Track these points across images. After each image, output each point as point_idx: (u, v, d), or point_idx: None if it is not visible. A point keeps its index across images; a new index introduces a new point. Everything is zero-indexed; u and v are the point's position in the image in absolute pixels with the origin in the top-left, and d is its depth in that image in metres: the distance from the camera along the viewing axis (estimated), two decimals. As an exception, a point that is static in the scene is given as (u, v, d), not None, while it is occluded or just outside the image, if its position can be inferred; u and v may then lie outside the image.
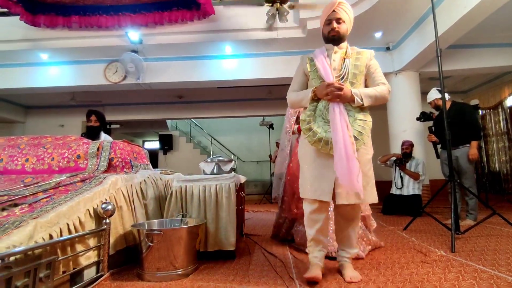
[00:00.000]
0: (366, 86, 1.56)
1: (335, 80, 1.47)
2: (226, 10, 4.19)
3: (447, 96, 3.36)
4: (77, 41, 4.34)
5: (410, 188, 3.84)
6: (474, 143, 2.94)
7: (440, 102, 3.34)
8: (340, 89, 1.40)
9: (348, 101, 1.44)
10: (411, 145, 3.97)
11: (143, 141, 11.67)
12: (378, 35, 4.32)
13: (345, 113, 1.42)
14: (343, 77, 1.49)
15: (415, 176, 3.81)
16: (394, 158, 4.03)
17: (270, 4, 3.04)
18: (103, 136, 3.31)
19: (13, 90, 5.01)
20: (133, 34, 4.20)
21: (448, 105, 3.13)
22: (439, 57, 2.50)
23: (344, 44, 1.57)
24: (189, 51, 4.65)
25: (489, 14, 3.15)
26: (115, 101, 6.94)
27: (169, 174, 2.90)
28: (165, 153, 9.04)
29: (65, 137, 2.51)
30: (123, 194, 1.85)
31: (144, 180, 2.19)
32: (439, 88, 3.44)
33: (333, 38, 1.54)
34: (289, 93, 1.67)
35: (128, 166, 2.26)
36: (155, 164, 8.78)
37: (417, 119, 3.68)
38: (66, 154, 2.26)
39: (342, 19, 1.52)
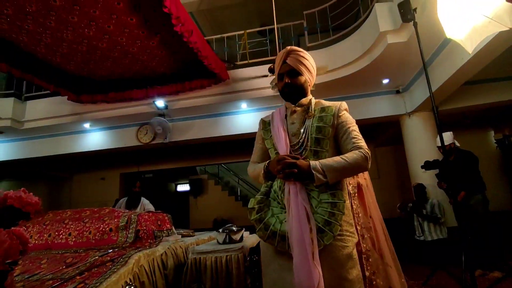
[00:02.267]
0: (340, 151, 1.22)
1: (290, 151, 1.20)
2: (238, 73, 4.64)
3: (449, 140, 3.38)
4: (113, 111, 4.99)
5: (433, 233, 3.72)
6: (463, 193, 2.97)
7: (453, 146, 3.37)
8: (292, 164, 1.09)
9: (306, 179, 1.12)
10: (422, 188, 3.91)
11: (175, 185, 12.30)
12: (385, 81, 4.47)
13: (305, 195, 1.11)
14: (302, 145, 1.19)
15: (435, 220, 3.70)
16: (409, 207, 3.99)
17: (273, 74, 3.37)
18: (142, 199, 3.83)
19: (62, 155, 5.76)
20: (160, 102, 4.76)
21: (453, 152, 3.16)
22: (435, 114, 2.58)
23: (306, 100, 1.28)
24: (209, 111, 5.12)
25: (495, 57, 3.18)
26: (148, 154, 7.58)
27: (190, 235, 3.15)
28: (195, 197, 9.44)
29: (101, 210, 2.90)
30: (145, 270, 2.11)
31: (165, 251, 2.44)
32: (450, 133, 3.51)
33: (289, 96, 1.27)
34: (249, 165, 1.39)
35: (151, 237, 2.54)
36: (186, 208, 9.21)
37: (422, 167, 3.70)
38: (101, 228, 2.61)
39: (295, 70, 1.24)
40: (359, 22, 4.07)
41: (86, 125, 5.35)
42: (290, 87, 1.25)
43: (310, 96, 1.31)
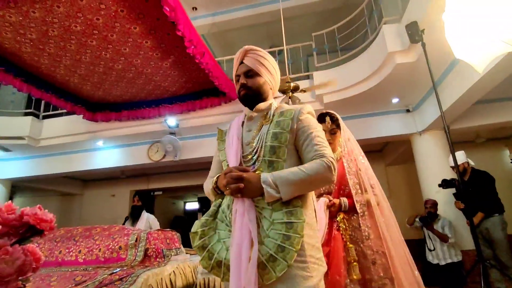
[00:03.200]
0: (302, 162, 1.04)
1: (241, 162, 1.05)
2: (249, 92, 4.71)
3: (462, 159, 3.31)
4: (125, 130, 5.10)
5: (446, 255, 3.57)
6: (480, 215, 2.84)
7: (468, 167, 3.32)
8: (240, 178, 0.93)
9: (255, 195, 0.95)
10: (434, 204, 3.79)
11: (184, 203, 12.27)
12: (395, 100, 4.48)
13: (253, 215, 0.94)
14: (255, 155, 1.02)
15: (444, 239, 3.55)
16: (419, 218, 3.84)
17: (283, 94, 3.43)
18: (146, 215, 3.78)
19: (75, 172, 5.87)
20: (171, 120, 4.85)
21: (468, 172, 3.09)
22: (447, 133, 2.56)
23: (265, 104, 1.12)
24: (219, 129, 5.18)
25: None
26: (158, 171, 7.64)
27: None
28: (203, 214, 9.37)
29: (111, 227, 2.91)
30: (153, 289, 2.09)
31: (173, 271, 2.42)
32: (462, 152, 3.46)
33: (246, 98, 1.11)
34: (205, 181, 1.21)
35: (160, 256, 2.53)
36: (194, 227, 9.13)
37: (439, 185, 3.61)
38: (110, 245, 2.60)
39: (253, 71, 1.10)
40: (367, 43, 4.14)
41: (99, 143, 5.47)
42: (247, 88, 1.10)
43: (271, 101, 1.15)
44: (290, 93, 3.37)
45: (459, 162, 3.25)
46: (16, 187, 7.03)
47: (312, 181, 0.95)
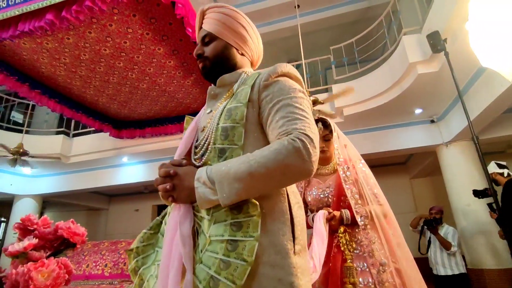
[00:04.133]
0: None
1: (185, 154, 0.79)
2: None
3: (506, 172, 3.15)
4: (149, 146, 5.28)
5: (446, 264, 3.30)
6: None
7: (498, 177, 3.15)
8: (167, 175, 0.68)
9: (189, 199, 0.67)
10: (440, 210, 3.56)
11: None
12: (418, 111, 4.36)
13: (188, 229, 0.67)
14: (206, 142, 0.75)
15: (446, 245, 3.30)
16: (423, 220, 3.60)
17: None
18: None
19: (102, 187, 6.09)
20: (192, 136, 4.97)
21: (502, 182, 2.93)
22: (476, 144, 2.46)
23: (231, 75, 0.84)
24: (239, 143, 5.24)
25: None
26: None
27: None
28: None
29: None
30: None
31: (196, 286, 2.42)
32: (500, 162, 3.28)
33: (204, 73, 0.88)
34: None
35: (183, 271, 2.54)
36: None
37: (475, 195, 3.40)
38: (135, 260, 2.66)
39: (211, 35, 0.85)
40: (387, 54, 4.11)
41: (124, 159, 5.67)
42: (203, 59, 0.86)
43: (242, 70, 0.85)
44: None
45: (489, 172, 3.11)
46: (47, 202, 7.37)
47: (269, 173, 0.62)
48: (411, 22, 3.86)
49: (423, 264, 4.03)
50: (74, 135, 5.83)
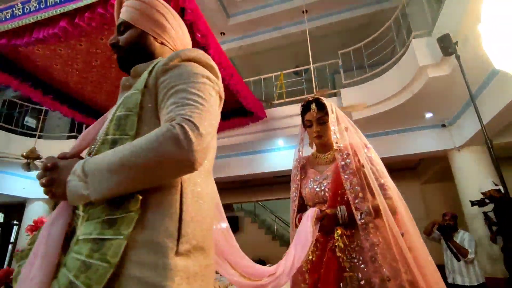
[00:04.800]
0: None
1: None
2: (275, 111, 4.78)
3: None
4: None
5: (464, 273, 3.18)
6: None
7: (495, 194, 3.23)
8: (46, 168, 0.62)
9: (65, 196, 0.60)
10: (454, 216, 3.44)
11: (212, 222, 12.32)
12: (429, 115, 4.30)
13: (57, 229, 0.62)
14: (103, 134, 0.69)
15: (463, 253, 3.14)
16: (437, 227, 3.47)
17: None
18: None
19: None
20: (200, 140, 5.00)
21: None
22: (490, 148, 2.40)
23: (145, 65, 0.77)
24: (246, 148, 5.24)
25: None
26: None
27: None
28: (231, 235, 9.32)
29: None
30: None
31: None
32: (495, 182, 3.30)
33: (119, 64, 0.83)
34: None
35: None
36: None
37: (472, 205, 3.39)
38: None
39: (125, 23, 0.80)
40: (396, 58, 4.07)
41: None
42: (117, 48, 0.81)
43: (158, 59, 0.75)
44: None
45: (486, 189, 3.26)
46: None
47: (144, 164, 0.55)
48: (421, 25, 3.83)
49: (442, 273, 3.95)
50: (85, 140, 5.91)
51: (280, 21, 5.85)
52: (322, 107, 1.39)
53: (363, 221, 1.16)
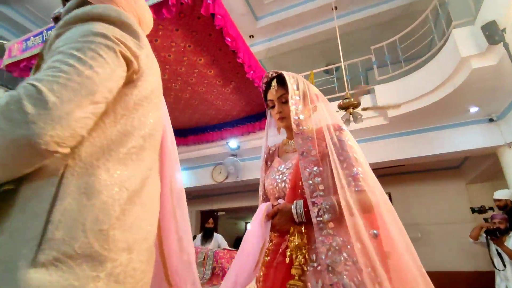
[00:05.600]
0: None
1: None
2: (307, 111, 4.73)
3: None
4: (191, 153, 5.49)
5: None
6: None
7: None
8: None
9: None
10: (505, 219, 3.09)
11: (246, 223, 12.43)
12: (474, 110, 4.00)
13: None
14: None
15: None
16: (485, 230, 3.15)
17: (343, 110, 3.34)
18: (215, 235, 4.19)
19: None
20: (232, 143, 5.08)
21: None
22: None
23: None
24: (278, 149, 5.24)
25: None
26: (221, 192, 7.96)
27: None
28: (264, 236, 9.34)
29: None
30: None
31: (241, 291, 2.43)
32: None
33: None
34: None
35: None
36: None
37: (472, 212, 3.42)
38: (181, 263, 2.77)
39: None
40: (435, 50, 3.84)
41: (169, 166, 5.98)
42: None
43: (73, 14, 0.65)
44: (351, 109, 3.26)
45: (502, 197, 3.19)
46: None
47: None
48: (462, 14, 3.57)
49: (488, 280, 3.64)
50: (125, 145, 6.28)
51: (309, 20, 5.78)
52: (282, 83, 1.14)
53: (320, 219, 0.91)
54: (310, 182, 0.96)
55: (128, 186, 0.56)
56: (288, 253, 0.95)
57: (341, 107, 3.33)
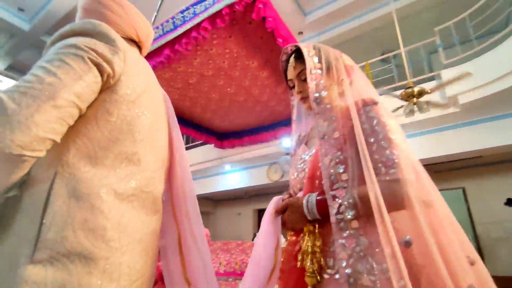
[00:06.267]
0: None
1: None
2: (363, 105, 4.51)
3: None
4: (247, 154, 5.66)
5: None
6: None
7: None
8: None
9: None
10: None
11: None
12: None
13: None
14: None
15: None
16: None
17: (406, 101, 3.10)
18: None
19: (209, 194, 6.84)
20: (286, 142, 5.09)
21: None
22: None
23: None
24: (334, 146, 5.10)
25: None
26: (276, 191, 8.04)
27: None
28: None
29: (243, 243, 3.21)
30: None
31: None
32: None
33: None
34: None
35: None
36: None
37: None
38: (244, 260, 2.87)
39: None
40: (515, 24, 3.35)
41: (227, 167, 6.24)
42: None
43: None
44: (415, 99, 3.02)
45: None
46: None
47: None
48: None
49: None
50: (186, 149, 6.74)
51: (360, 8, 5.49)
52: (300, 58, 0.96)
53: (340, 217, 0.72)
54: (332, 171, 0.77)
55: (117, 188, 0.60)
56: (300, 257, 0.78)
57: (403, 97, 3.10)
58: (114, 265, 0.57)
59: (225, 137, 5.44)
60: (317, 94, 0.85)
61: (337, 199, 0.73)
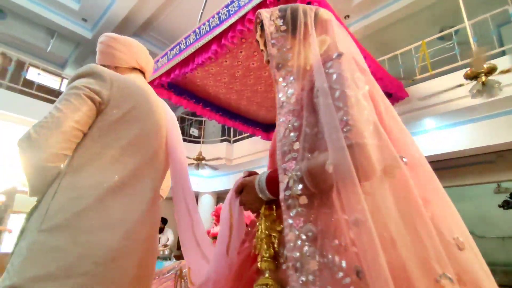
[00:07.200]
0: None
1: None
2: (420, 88, 4.16)
3: None
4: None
5: None
6: None
7: None
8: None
9: None
10: None
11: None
12: None
13: None
14: None
15: None
16: None
17: (472, 80, 2.78)
18: None
19: (257, 185, 6.96)
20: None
21: None
22: None
23: None
24: (386, 133, 4.80)
25: None
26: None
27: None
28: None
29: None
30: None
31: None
32: None
33: None
34: None
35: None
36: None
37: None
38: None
39: None
40: None
41: (274, 159, 6.27)
42: None
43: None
44: (484, 77, 2.69)
45: None
46: (219, 197, 9.08)
47: (21, 166, 0.84)
48: None
49: None
50: (234, 141, 6.92)
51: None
52: (259, 24, 0.91)
53: (289, 193, 0.61)
54: (285, 141, 0.66)
55: (104, 182, 0.83)
56: (255, 243, 0.70)
57: (469, 77, 2.79)
58: (96, 241, 0.79)
59: (271, 128, 5.47)
60: (279, 60, 0.76)
61: (287, 173, 0.62)
